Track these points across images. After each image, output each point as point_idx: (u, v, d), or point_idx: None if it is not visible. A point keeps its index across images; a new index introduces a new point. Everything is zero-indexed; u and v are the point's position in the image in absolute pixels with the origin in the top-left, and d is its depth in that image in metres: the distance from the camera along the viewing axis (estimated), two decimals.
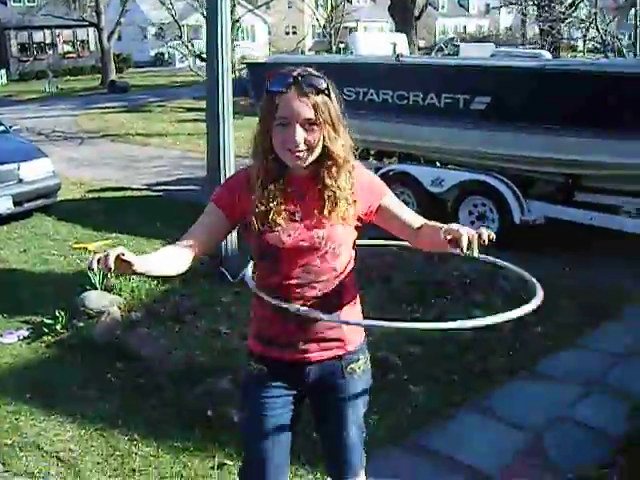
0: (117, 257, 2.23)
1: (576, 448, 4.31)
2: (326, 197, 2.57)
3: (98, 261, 2.22)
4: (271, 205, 2.56)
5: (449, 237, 2.34)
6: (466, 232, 2.30)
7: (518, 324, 5.95)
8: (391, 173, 8.90)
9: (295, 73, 2.46)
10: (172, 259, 2.54)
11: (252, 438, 2.82)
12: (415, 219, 2.72)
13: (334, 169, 2.56)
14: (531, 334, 5.83)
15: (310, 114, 2.44)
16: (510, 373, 5.26)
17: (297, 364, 2.74)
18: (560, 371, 5.29)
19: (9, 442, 4.46)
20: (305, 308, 2.58)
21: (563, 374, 5.24)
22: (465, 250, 2.28)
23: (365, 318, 2.85)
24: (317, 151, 2.51)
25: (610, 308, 6.46)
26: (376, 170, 8.71)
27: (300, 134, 2.44)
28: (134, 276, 6.63)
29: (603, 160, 7.25)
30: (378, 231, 2.83)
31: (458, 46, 10.72)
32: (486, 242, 2.31)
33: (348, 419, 2.84)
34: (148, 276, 6.24)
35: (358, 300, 2.86)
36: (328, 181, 2.56)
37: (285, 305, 2.57)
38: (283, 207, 2.57)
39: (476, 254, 2.31)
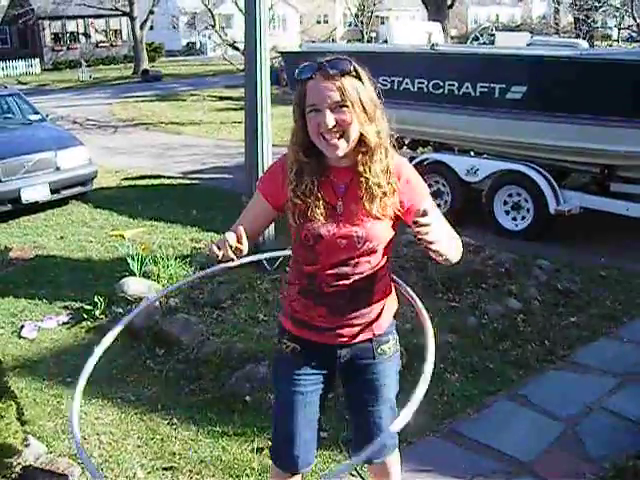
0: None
1: (611, 438, 4.30)
2: (363, 186, 2.56)
3: (218, 247, 2.41)
4: (308, 200, 2.57)
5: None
6: (430, 228, 2.28)
7: (553, 313, 5.98)
8: (425, 162, 8.89)
9: (320, 60, 2.47)
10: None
11: (282, 414, 2.88)
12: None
13: (368, 155, 2.54)
14: (566, 324, 5.83)
15: (337, 96, 2.43)
16: (546, 362, 5.26)
17: (329, 345, 2.79)
18: (595, 361, 5.28)
19: (52, 425, 4.55)
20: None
21: (599, 364, 5.23)
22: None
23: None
24: (352, 137, 2.49)
25: None
26: (410, 159, 8.71)
27: (330, 117, 2.43)
28: (172, 263, 6.71)
29: (639, 150, 7.21)
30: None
31: (494, 35, 10.63)
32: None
33: (380, 400, 2.88)
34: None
35: (392, 289, 2.89)
36: (361, 167, 2.55)
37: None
38: (322, 202, 2.58)
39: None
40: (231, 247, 2.42)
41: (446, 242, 2.50)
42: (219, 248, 2.43)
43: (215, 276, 6.55)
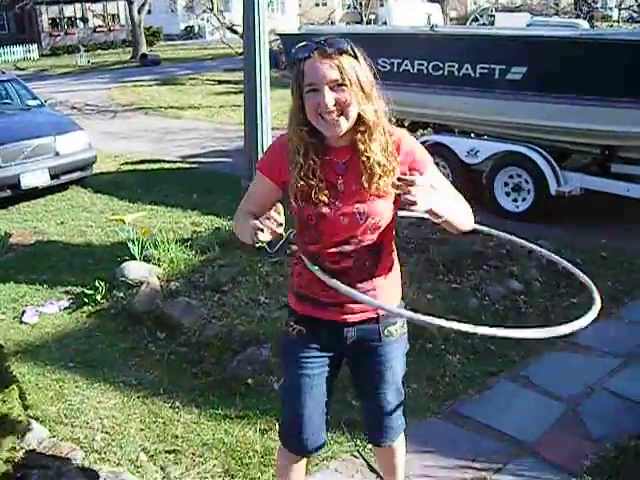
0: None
1: (613, 419, 4.30)
2: (362, 165, 2.55)
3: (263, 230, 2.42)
4: (311, 182, 2.56)
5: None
6: (414, 188, 2.28)
7: (554, 294, 5.98)
8: (426, 144, 8.81)
9: (318, 39, 2.46)
10: None
11: (289, 397, 2.88)
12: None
13: (367, 134, 2.52)
14: (568, 305, 5.82)
15: (336, 75, 2.41)
16: (547, 343, 5.25)
17: (336, 325, 2.78)
18: (597, 342, 5.26)
19: (54, 410, 4.54)
20: (346, 287, 2.57)
21: (600, 345, 5.21)
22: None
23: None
24: (352, 116, 2.48)
25: None
26: None
27: (329, 96, 2.42)
28: (172, 247, 6.69)
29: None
30: None
31: (493, 16, 10.60)
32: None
33: (386, 382, 2.88)
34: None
35: (396, 268, 2.87)
36: (361, 146, 2.53)
37: (324, 278, 2.61)
38: (324, 183, 2.57)
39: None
40: (281, 225, 2.42)
41: (444, 204, 2.46)
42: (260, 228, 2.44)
43: (216, 259, 6.55)
